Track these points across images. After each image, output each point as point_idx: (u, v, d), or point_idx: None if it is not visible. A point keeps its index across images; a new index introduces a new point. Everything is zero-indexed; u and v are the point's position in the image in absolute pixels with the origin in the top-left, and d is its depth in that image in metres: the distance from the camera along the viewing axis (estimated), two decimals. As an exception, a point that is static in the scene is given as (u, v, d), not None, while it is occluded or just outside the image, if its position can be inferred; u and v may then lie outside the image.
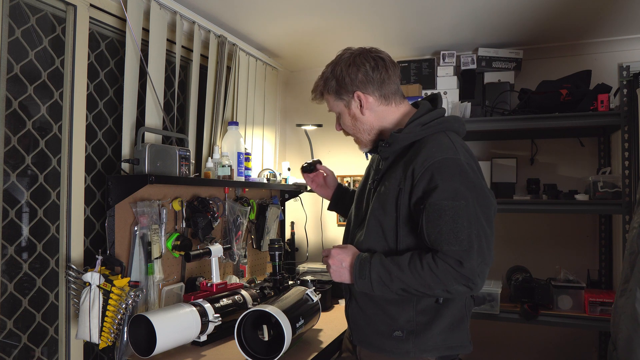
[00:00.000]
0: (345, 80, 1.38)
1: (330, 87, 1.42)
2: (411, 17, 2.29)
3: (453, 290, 1.20)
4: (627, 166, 2.11)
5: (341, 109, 1.44)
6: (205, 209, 2.07)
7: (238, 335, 1.49)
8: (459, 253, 1.18)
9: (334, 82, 1.41)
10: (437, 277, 1.19)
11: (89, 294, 1.54)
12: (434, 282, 1.20)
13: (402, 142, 1.34)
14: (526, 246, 2.69)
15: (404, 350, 1.32)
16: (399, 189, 1.29)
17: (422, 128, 1.32)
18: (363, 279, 1.27)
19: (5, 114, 1.52)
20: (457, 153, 1.25)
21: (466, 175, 1.22)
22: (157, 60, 1.99)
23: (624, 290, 1.60)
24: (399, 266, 1.24)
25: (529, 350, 2.70)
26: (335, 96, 1.43)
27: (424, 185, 1.23)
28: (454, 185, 1.20)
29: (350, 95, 1.40)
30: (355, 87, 1.38)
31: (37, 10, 1.63)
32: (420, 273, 1.21)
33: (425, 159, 1.25)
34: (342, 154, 3.10)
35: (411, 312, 1.31)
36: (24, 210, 1.60)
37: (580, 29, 2.44)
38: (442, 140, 1.29)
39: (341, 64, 1.40)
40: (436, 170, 1.22)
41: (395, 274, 1.23)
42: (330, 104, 1.47)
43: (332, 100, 1.45)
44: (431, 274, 1.20)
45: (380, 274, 1.25)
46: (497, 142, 2.78)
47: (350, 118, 1.43)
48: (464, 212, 1.19)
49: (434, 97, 1.46)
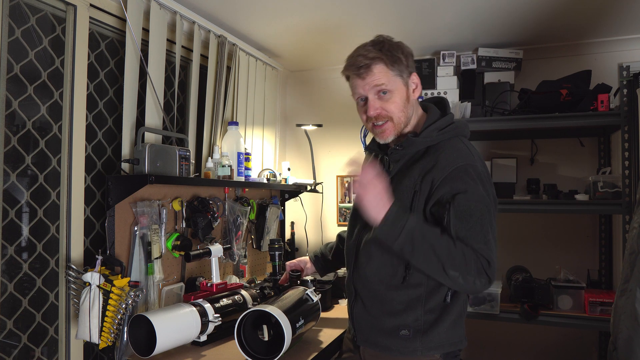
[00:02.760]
0: (409, 60, 1.35)
1: (396, 61, 1.33)
2: (411, 17, 2.29)
3: (470, 281, 1.20)
4: (627, 166, 2.11)
5: (398, 86, 1.34)
6: (205, 209, 2.07)
7: (238, 335, 1.49)
8: (487, 252, 1.21)
9: (401, 57, 1.33)
10: (466, 260, 1.20)
11: (89, 294, 1.54)
12: (460, 263, 1.19)
13: (418, 147, 1.35)
14: (526, 246, 2.69)
15: (411, 349, 1.32)
16: (414, 192, 1.29)
17: (438, 133, 1.34)
18: (394, 225, 1.20)
19: (5, 114, 1.52)
20: (475, 160, 1.30)
21: (484, 182, 1.27)
22: (157, 60, 1.99)
23: (624, 290, 1.60)
24: (434, 233, 1.22)
25: (529, 350, 2.70)
26: (398, 72, 1.34)
27: (447, 189, 1.25)
28: (479, 189, 1.25)
29: (409, 75, 1.36)
30: (413, 69, 1.37)
31: (37, 10, 1.63)
32: (451, 249, 1.20)
33: (446, 165, 1.27)
34: (342, 154, 3.10)
35: (420, 311, 1.32)
36: (24, 210, 1.60)
37: (580, 29, 2.44)
38: (459, 146, 1.33)
39: (399, 44, 1.35)
40: (459, 176, 1.25)
41: (428, 237, 1.20)
42: (383, 78, 1.32)
43: (390, 75, 1.33)
44: (462, 255, 1.20)
45: (415, 228, 1.20)
46: (497, 142, 2.78)
47: (405, 97, 1.36)
48: (487, 215, 1.24)
49: (440, 100, 1.46)
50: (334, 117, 3.08)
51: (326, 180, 3.13)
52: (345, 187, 3.12)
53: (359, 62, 1.32)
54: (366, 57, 1.31)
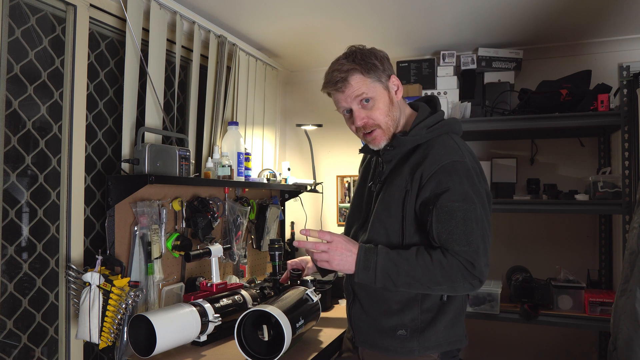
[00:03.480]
0: (384, 64, 1.34)
1: (371, 68, 1.32)
2: (411, 17, 2.29)
3: (460, 287, 1.22)
4: (627, 166, 2.11)
5: (379, 92, 1.34)
6: (205, 209, 2.07)
7: (238, 335, 1.49)
8: (470, 254, 1.21)
9: (376, 62, 1.33)
10: (447, 272, 1.21)
11: (89, 294, 1.54)
12: (442, 277, 1.21)
13: (408, 145, 1.35)
14: (526, 246, 2.69)
15: (408, 349, 1.32)
16: (406, 191, 1.29)
17: (427, 131, 1.34)
18: (367, 270, 1.25)
19: (5, 114, 1.52)
20: (464, 156, 1.28)
21: (472, 178, 1.26)
22: (157, 60, 1.99)
23: (624, 290, 1.60)
24: (406, 259, 1.23)
25: (529, 350, 2.70)
26: (376, 78, 1.33)
27: (433, 187, 1.25)
28: (464, 187, 1.23)
29: (387, 78, 1.35)
30: (391, 71, 1.37)
31: (37, 10, 1.63)
32: (429, 267, 1.21)
33: (433, 162, 1.26)
34: (342, 154, 3.10)
35: (416, 310, 1.32)
36: (24, 210, 1.60)
37: (580, 29, 2.44)
38: (448, 142, 1.31)
39: (370, 51, 1.35)
40: (446, 173, 1.24)
41: (402, 268, 1.23)
42: (363, 87, 1.32)
43: (368, 83, 1.32)
44: (441, 268, 1.21)
45: (386, 266, 1.24)
46: (497, 142, 2.78)
47: (388, 102, 1.35)
48: (472, 214, 1.22)
49: (431, 98, 1.46)
50: (334, 117, 3.05)
51: (326, 180, 3.13)
52: (345, 187, 3.12)
53: (335, 77, 1.33)
54: (341, 71, 1.32)
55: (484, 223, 1.24)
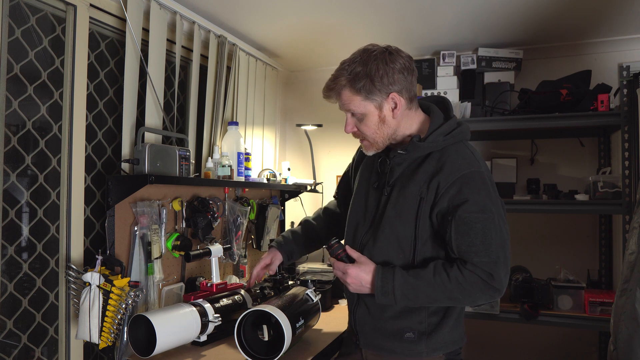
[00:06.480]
0: (383, 80, 1.26)
1: (362, 86, 1.27)
2: (411, 17, 2.29)
3: (480, 300, 1.24)
4: (627, 166, 2.11)
5: (369, 111, 1.30)
6: (205, 209, 2.07)
7: (238, 335, 1.49)
8: (489, 265, 1.21)
9: (367, 80, 1.26)
10: (465, 289, 1.22)
11: (89, 294, 1.54)
12: (462, 294, 1.23)
13: (423, 151, 1.31)
14: (526, 246, 2.69)
15: (416, 351, 1.32)
16: (420, 199, 1.28)
17: (444, 138, 1.31)
18: (386, 295, 1.27)
19: (5, 114, 1.52)
20: (480, 165, 1.28)
21: (489, 188, 1.26)
22: (157, 60, 1.99)
23: (624, 290, 1.60)
24: (424, 281, 1.25)
25: (529, 350, 2.70)
26: (365, 96, 1.28)
27: (451, 197, 1.24)
28: (482, 198, 1.23)
29: (385, 96, 1.28)
30: (391, 88, 1.27)
31: (37, 10, 1.63)
32: (447, 286, 1.23)
33: (451, 172, 1.25)
34: (342, 154, 3.10)
35: (423, 313, 1.32)
36: (24, 210, 1.60)
37: (580, 29, 2.44)
38: (464, 151, 1.31)
39: (376, 61, 1.26)
40: (464, 183, 1.24)
41: (421, 290, 1.25)
42: (351, 104, 1.31)
43: (357, 101, 1.29)
44: (459, 286, 1.22)
45: (404, 290, 1.25)
46: (497, 142, 2.78)
47: (378, 121, 1.31)
48: (491, 224, 1.22)
49: (441, 100, 1.43)
50: (334, 117, 3.07)
51: (326, 180, 3.13)
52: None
53: (329, 86, 1.33)
54: (334, 83, 1.32)
55: (503, 232, 1.24)
